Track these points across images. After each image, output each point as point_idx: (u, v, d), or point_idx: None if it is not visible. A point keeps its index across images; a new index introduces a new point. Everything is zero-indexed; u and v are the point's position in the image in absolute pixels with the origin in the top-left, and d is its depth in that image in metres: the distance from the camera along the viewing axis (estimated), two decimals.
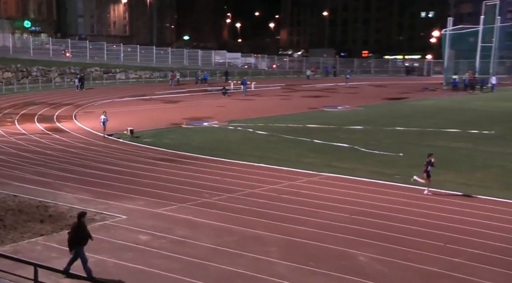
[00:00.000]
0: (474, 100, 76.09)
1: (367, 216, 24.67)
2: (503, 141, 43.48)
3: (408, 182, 30.35)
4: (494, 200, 27.68)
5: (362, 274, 18.58)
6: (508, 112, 61.37)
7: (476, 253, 20.66)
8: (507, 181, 31.37)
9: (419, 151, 38.87)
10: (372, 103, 70.66)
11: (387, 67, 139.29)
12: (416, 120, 54.56)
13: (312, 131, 46.79)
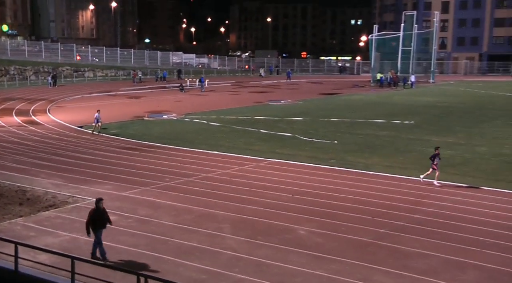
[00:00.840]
0: (397, 95, 77.05)
1: (307, 195, 24.86)
2: (420, 130, 44.11)
3: (341, 165, 30.70)
4: (413, 179, 28.15)
5: (302, 245, 18.73)
6: (425, 105, 62.30)
7: (400, 225, 20.99)
8: (424, 163, 31.70)
9: (350, 139, 39.37)
10: (310, 98, 71.07)
11: (323, 66, 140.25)
12: (348, 112, 55.04)
13: (258, 122, 46.88)
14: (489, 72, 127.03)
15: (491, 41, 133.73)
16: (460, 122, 48.80)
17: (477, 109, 59.21)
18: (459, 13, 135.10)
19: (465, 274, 16.82)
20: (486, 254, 18.33)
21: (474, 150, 36.03)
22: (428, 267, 17.19)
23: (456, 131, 43.49)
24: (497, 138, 40.69)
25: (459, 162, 32.60)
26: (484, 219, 21.85)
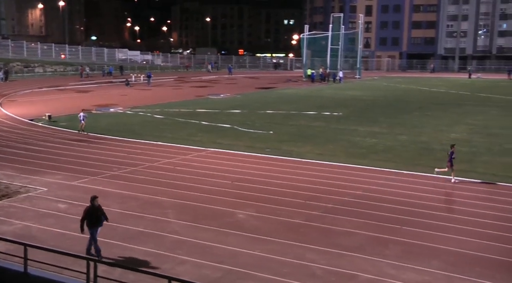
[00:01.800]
0: (327, 89, 77.83)
1: (245, 182, 24.92)
2: (348, 120, 44.68)
3: (277, 154, 30.86)
4: (341, 165, 28.58)
5: (241, 228, 18.79)
6: (352, 98, 63.16)
7: (330, 207, 21.26)
8: (351, 151, 32.34)
9: (285, 129, 39.57)
10: (247, 92, 71.16)
11: (259, 63, 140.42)
12: (282, 105, 55.31)
13: (199, 115, 46.68)
14: (408, 69, 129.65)
15: (409, 42, 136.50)
16: (383, 113, 49.60)
17: (398, 101, 60.36)
18: (381, 16, 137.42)
19: (388, 249, 17.18)
20: (406, 230, 18.77)
21: (396, 138, 36.71)
22: (355, 244, 17.48)
23: (380, 122, 44.21)
24: (416, 127, 41.54)
25: (382, 149, 33.19)
26: (405, 199, 22.35)
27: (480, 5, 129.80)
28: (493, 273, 15.65)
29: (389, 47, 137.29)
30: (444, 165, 25.83)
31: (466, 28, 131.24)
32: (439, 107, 54.52)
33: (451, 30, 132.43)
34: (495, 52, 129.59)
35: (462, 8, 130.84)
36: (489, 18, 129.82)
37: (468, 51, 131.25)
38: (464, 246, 17.58)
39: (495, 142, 35.85)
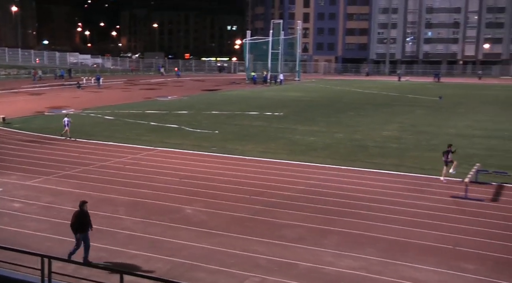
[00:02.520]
0: (268, 91, 78.11)
1: (193, 178, 24.78)
2: (288, 120, 44.94)
3: (222, 152, 30.80)
4: (283, 162, 28.69)
5: (190, 223, 18.70)
6: (292, 99, 63.55)
7: (273, 201, 21.33)
8: (292, 149, 32.53)
9: (229, 129, 39.53)
10: (194, 94, 70.77)
11: (204, 66, 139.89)
12: (227, 105, 55.23)
13: (148, 116, 46.18)
14: (343, 72, 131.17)
15: (344, 47, 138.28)
16: (321, 113, 50.07)
17: (334, 102, 61.05)
18: (318, 23, 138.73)
19: (327, 239, 17.36)
20: (344, 221, 18.99)
21: (333, 136, 37.11)
22: (296, 236, 17.60)
23: (318, 121, 44.62)
24: (351, 126, 42.09)
25: (321, 146, 33.49)
26: (342, 192, 22.62)
27: (407, 14, 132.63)
28: (423, 257, 16.01)
29: (326, 51, 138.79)
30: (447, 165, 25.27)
31: (395, 35, 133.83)
32: (372, 107, 55.41)
33: (381, 37, 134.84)
34: (422, 57, 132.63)
35: (392, 17, 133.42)
36: (415, 26, 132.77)
37: (398, 56, 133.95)
38: (397, 234, 17.93)
39: (422, 138, 36.67)
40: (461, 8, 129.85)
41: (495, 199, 22.38)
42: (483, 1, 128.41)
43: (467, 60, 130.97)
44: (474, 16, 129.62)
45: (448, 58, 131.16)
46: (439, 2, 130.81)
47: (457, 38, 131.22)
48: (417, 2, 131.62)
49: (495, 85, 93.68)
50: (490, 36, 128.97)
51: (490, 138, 37.39)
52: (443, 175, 25.09)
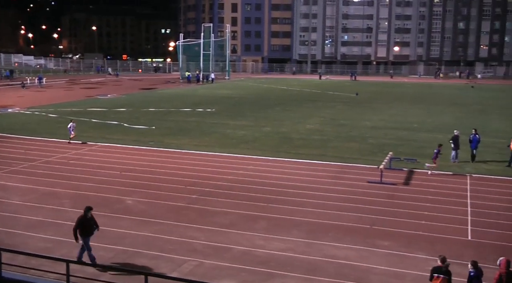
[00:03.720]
0: (201, 89, 77.64)
1: (132, 172, 24.42)
2: (220, 116, 44.86)
3: (159, 146, 30.45)
4: (216, 154, 28.65)
5: (130, 213, 18.46)
6: (223, 97, 63.43)
7: (207, 190, 21.30)
8: (224, 142, 32.52)
9: (165, 125, 39.09)
10: (132, 92, 69.47)
11: (141, 66, 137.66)
12: (163, 103, 54.57)
13: (90, 113, 45.05)
14: (270, 71, 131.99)
15: (270, 48, 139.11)
16: (250, 109, 50.25)
17: (262, 99, 61.36)
18: (245, 26, 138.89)
19: (258, 224, 17.51)
20: (273, 207, 19.19)
21: (261, 130, 37.34)
22: (229, 222, 17.65)
23: (247, 116, 44.76)
24: (277, 120, 42.44)
25: (250, 139, 33.63)
26: (271, 181, 22.81)
27: (326, 20, 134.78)
28: (343, 236, 16.42)
29: (253, 52, 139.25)
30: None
31: (316, 38, 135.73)
32: (296, 103, 56.05)
33: (303, 39, 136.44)
34: (340, 58, 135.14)
35: (312, 21, 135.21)
36: (333, 30, 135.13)
37: (318, 57, 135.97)
38: (320, 217, 18.27)
39: (342, 130, 37.41)
40: (373, 15, 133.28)
41: (406, 183, 23.14)
42: (392, 9, 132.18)
43: (379, 61, 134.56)
44: (384, 22, 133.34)
45: (363, 59, 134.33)
46: (353, 9, 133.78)
47: (370, 42, 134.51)
48: (334, 9, 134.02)
49: (405, 83, 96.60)
50: (399, 40, 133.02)
51: (400, 129, 38.54)
52: (431, 170, 24.90)
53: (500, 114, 48.75)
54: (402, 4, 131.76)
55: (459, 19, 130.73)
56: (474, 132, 27.71)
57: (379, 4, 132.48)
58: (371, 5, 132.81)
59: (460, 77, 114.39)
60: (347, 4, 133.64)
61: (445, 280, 11.69)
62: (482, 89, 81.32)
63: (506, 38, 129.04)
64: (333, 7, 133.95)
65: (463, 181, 23.62)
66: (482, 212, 19.07)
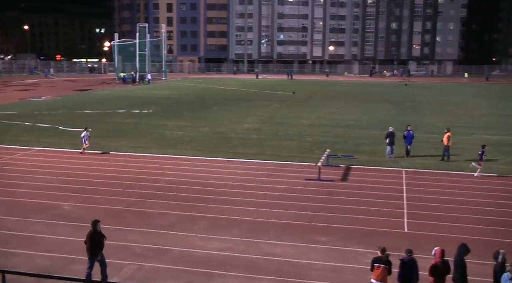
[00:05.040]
0: (137, 90, 76.47)
1: (69, 176, 23.83)
2: (157, 116, 44.39)
3: (96, 149, 29.79)
4: (154, 155, 28.34)
5: (67, 218, 18.05)
6: (160, 97, 62.76)
7: (145, 192, 21.07)
8: (161, 143, 32.21)
9: (102, 126, 38.33)
10: (67, 94, 67.62)
11: (76, 67, 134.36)
12: (99, 105, 53.44)
13: (23, 116, 43.57)
14: (206, 71, 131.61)
15: (206, 48, 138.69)
16: (187, 109, 49.95)
17: (199, 99, 61.08)
18: (180, 26, 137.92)
19: (197, 224, 17.48)
20: (212, 207, 19.18)
21: (199, 130, 37.19)
22: (168, 223, 17.53)
23: (185, 116, 44.47)
24: (215, 120, 42.39)
25: (188, 140, 33.44)
26: (209, 181, 22.79)
27: (261, 19, 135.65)
28: (283, 234, 16.61)
29: (189, 52, 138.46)
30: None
31: (252, 38, 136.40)
32: (234, 103, 56.15)
33: (239, 39, 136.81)
34: (276, 57, 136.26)
35: (247, 21, 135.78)
36: (269, 30, 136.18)
37: (254, 56, 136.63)
38: (260, 215, 18.40)
39: (279, 129, 37.76)
40: (308, 15, 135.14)
41: (344, 179, 23.62)
42: (327, 9, 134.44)
43: (315, 60, 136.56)
44: (319, 22, 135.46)
45: (299, 58, 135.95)
46: (288, 8, 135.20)
47: (306, 41, 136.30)
48: (269, 9, 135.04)
49: (340, 82, 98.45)
50: (334, 40, 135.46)
51: (337, 127, 39.27)
52: (478, 172, 24.54)
53: (433, 110, 50.48)
54: (337, 4, 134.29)
55: (392, 20, 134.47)
56: (408, 128, 28.56)
57: (314, 4, 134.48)
58: (306, 5, 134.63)
59: (394, 75, 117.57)
60: (282, 3, 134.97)
61: (386, 269, 12.06)
62: (415, 86, 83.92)
63: (438, 38, 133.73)
64: (269, 7, 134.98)
65: (399, 175, 24.33)
66: (417, 205, 19.73)
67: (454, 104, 56.12)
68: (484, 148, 24.69)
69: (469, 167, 25.19)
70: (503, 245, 14.67)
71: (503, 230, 17.23)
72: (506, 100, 62.14)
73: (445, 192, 21.67)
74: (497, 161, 27.75)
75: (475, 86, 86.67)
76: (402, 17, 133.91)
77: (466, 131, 37.36)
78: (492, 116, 46.09)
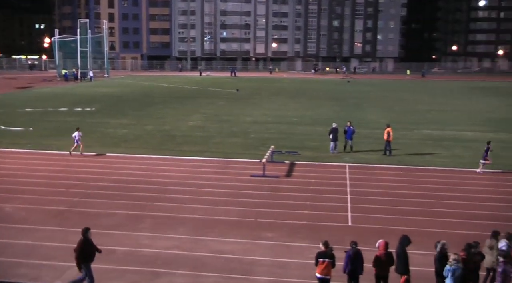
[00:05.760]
0: (80, 87, 74.79)
1: (10, 177, 23.07)
2: (101, 114, 43.56)
3: (37, 148, 28.97)
4: (97, 154, 27.78)
5: (9, 220, 17.47)
6: (103, 95, 61.55)
7: (89, 192, 20.64)
8: (105, 141, 31.63)
9: (44, 125, 37.34)
10: (6, 92, 65.32)
11: (15, 64, 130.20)
12: (40, 102, 51.84)
13: None
14: (149, 69, 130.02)
15: (149, 45, 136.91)
16: (131, 107, 49.20)
17: (143, 96, 60.24)
18: (122, 23, 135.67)
19: (143, 223, 17.27)
20: (158, 206, 18.99)
21: (143, 128, 36.72)
22: (113, 223, 17.24)
23: (129, 114, 43.80)
24: (160, 118, 41.95)
25: (132, 138, 32.97)
26: (155, 179, 22.55)
27: (204, 16, 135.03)
28: (229, 231, 16.62)
29: (132, 49, 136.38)
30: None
31: (195, 35, 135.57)
32: (178, 100, 55.71)
33: (182, 36, 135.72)
34: (219, 55, 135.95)
35: (190, 18, 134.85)
36: (212, 27, 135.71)
37: (198, 54, 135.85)
38: (205, 213, 18.34)
39: (224, 126, 37.73)
40: (250, 12, 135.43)
41: (288, 175, 23.82)
42: (269, 6, 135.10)
43: (258, 57, 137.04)
44: (262, 19, 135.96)
45: (242, 55, 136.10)
46: (231, 5, 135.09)
47: (249, 38, 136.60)
48: (212, 5, 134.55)
49: (284, 79, 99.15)
50: (277, 37, 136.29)
51: (281, 123, 39.57)
52: (480, 168, 24.77)
53: (375, 106, 51.56)
54: (279, 1, 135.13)
55: (334, 17, 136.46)
56: (348, 124, 29.05)
57: (257, 1, 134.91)
58: (249, 2, 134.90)
59: (337, 72, 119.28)
60: (225, 0, 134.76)
61: (330, 263, 12.23)
62: (357, 83, 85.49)
63: (379, 36, 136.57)
64: (211, 4, 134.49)
65: (342, 170, 24.74)
66: (361, 199, 20.12)
67: (395, 100, 57.51)
68: (489, 144, 24.66)
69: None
70: (444, 235, 15.15)
71: (444, 221, 17.80)
72: (446, 96, 64.15)
73: (387, 185, 22.21)
74: (438, 154, 28.64)
75: (414, 83, 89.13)
76: (344, 15, 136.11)
77: (407, 126, 38.36)
78: (432, 112, 47.48)
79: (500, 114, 46.73)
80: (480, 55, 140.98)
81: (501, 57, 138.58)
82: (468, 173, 24.73)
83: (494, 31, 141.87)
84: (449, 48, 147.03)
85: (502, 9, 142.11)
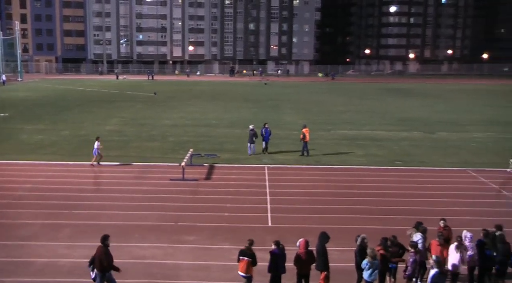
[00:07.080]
0: None
1: None
2: (15, 120, 41.70)
3: None
4: (12, 162, 26.54)
5: None
6: (16, 99, 58.89)
7: (5, 202, 19.73)
8: (20, 148, 30.34)
9: None
10: None
11: None
12: None
13: None
14: (65, 72, 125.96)
15: (63, 47, 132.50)
16: (47, 112, 47.41)
17: (59, 100, 58.20)
18: (35, 24, 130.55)
19: (61, 232, 16.72)
20: (76, 214, 18.43)
21: (59, 134, 35.51)
22: (30, 234, 16.59)
23: (44, 119, 42.21)
24: (76, 123, 40.72)
25: (48, 144, 31.81)
26: (72, 186, 21.85)
27: (120, 19, 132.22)
28: (149, 236, 16.45)
29: (46, 52, 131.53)
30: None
31: (110, 37, 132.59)
32: (95, 104, 54.27)
33: (98, 39, 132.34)
34: (136, 58, 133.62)
35: (105, 20, 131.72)
36: (128, 30, 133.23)
37: (114, 57, 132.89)
38: (124, 219, 18.00)
39: (143, 130, 37.16)
40: (166, 15, 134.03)
41: (208, 178, 23.79)
42: (185, 9, 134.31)
43: (176, 60, 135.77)
44: (178, 22, 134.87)
45: (159, 58, 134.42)
46: (147, 8, 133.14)
47: (165, 41, 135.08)
48: (127, 8, 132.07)
49: (202, 82, 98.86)
50: (194, 40, 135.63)
51: (199, 126, 39.45)
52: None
53: (292, 108, 52.44)
54: (195, 5, 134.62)
55: (250, 21, 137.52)
56: (266, 126, 29.38)
57: (172, 4, 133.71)
58: (164, 5, 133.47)
59: (254, 74, 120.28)
60: (141, 3, 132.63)
61: (249, 261, 12.38)
62: (274, 85, 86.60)
63: (294, 39, 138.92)
64: (127, 6, 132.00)
65: (261, 172, 24.99)
66: (280, 199, 20.42)
67: (311, 102, 58.77)
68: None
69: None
70: (363, 231, 15.53)
71: (362, 218, 18.39)
72: (361, 97, 66.22)
73: (306, 185, 22.67)
74: (354, 153, 29.54)
75: (328, 85, 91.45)
76: (259, 18, 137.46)
77: (324, 127, 39.31)
78: (348, 113, 48.89)
79: (412, 114, 48.81)
80: (392, 58, 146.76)
81: (412, 60, 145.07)
82: (383, 171, 25.68)
83: (404, 35, 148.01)
84: (362, 52, 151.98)
85: (411, 15, 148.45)
